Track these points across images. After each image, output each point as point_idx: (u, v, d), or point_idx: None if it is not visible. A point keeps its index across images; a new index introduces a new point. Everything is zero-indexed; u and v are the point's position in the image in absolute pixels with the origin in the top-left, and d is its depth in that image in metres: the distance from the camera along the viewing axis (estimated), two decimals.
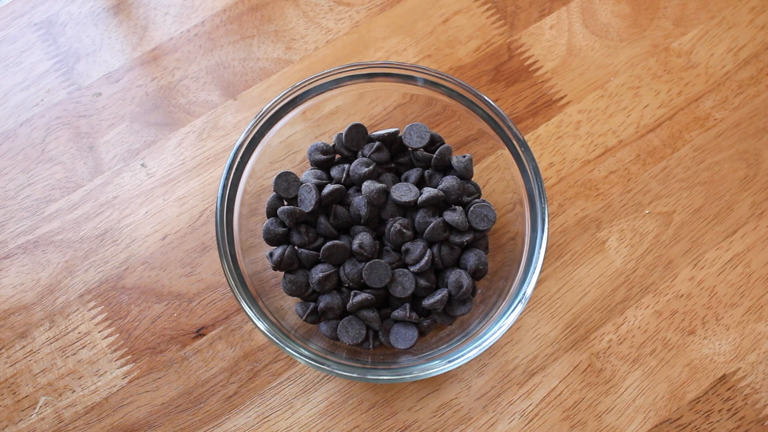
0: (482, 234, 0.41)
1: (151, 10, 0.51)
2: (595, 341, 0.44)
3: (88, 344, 0.44)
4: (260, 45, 0.50)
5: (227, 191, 0.39)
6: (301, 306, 0.41)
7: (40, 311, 0.44)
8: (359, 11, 0.51)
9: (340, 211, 0.40)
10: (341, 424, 0.42)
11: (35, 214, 0.46)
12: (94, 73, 0.50)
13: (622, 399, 0.42)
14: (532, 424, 0.42)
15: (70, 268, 0.45)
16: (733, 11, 0.51)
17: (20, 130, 0.48)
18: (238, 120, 0.48)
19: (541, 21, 0.51)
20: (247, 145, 0.40)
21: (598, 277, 0.45)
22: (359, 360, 0.39)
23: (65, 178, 0.47)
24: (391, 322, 0.40)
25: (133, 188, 0.47)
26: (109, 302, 0.44)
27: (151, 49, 0.50)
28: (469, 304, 0.40)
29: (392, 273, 0.39)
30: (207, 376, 0.43)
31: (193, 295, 0.44)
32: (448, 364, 0.37)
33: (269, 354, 0.43)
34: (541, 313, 0.44)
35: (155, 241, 0.46)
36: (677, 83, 0.49)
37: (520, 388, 0.43)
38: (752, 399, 0.42)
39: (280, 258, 0.39)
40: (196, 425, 0.42)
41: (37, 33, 0.51)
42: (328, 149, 0.43)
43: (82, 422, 0.42)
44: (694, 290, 0.45)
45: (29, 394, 0.43)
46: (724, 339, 0.44)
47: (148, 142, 0.48)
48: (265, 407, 0.42)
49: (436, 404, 0.42)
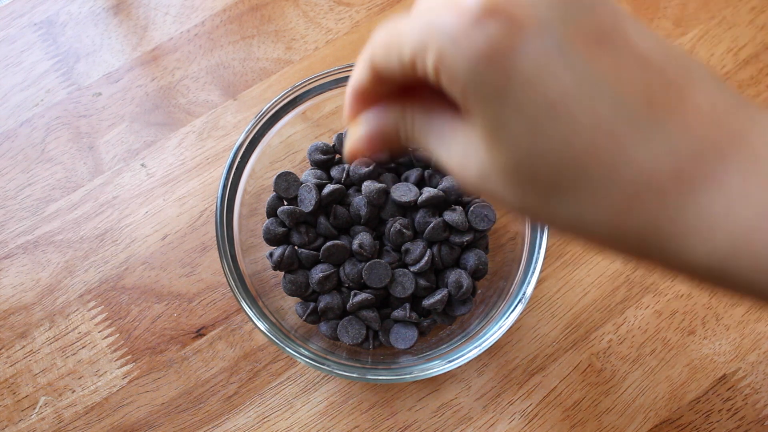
0: (482, 234, 0.41)
1: (151, 10, 0.51)
2: (595, 341, 0.44)
3: (88, 344, 0.44)
4: (260, 45, 0.50)
5: (227, 191, 0.39)
6: (301, 306, 0.41)
7: (40, 311, 0.44)
8: (359, 11, 0.51)
9: (340, 211, 0.40)
10: (341, 424, 0.42)
11: (35, 214, 0.46)
12: (94, 73, 0.50)
13: (622, 399, 0.42)
14: (532, 424, 0.42)
15: (70, 268, 0.45)
16: (733, 11, 0.51)
17: (20, 130, 0.48)
18: (238, 120, 0.48)
19: None
20: (247, 145, 0.40)
21: (598, 277, 0.45)
22: (359, 360, 0.39)
23: (65, 178, 0.47)
24: (391, 322, 0.40)
25: (133, 188, 0.47)
26: (109, 302, 0.44)
27: (151, 49, 0.50)
28: (469, 304, 0.40)
29: (392, 273, 0.39)
30: (207, 376, 0.43)
31: (193, 295, 0.44)
32: (448, 364, 0.37)
33: (269, 354, 0.43)
34: (541, 313, 0.44)
35: (155, 241, 0.46)
36: None
37: (520, 388, 0.43)
38: (752, 399, 0.42)
39: (280, 258, 0.39)
40: (196, 425, 0.42)
41: (37, 33, 0.51)
42: (328, 149, 0.43)
43: (82, 422, 0.42)
44: (694, 290, 0.45)
45: (29, 394, 0.43)
46: (724, 339, 0.44)
47: (148, 142, 0.48)
48: (265, 407, 0.42)
49: (436, 404, 0.42)
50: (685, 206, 0.17)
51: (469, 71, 0.17)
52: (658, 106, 0.17)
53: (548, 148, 0.17)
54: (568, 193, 0.17)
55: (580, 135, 0.17)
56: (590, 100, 0.16)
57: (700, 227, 0.17)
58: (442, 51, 0.17)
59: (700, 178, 0.16)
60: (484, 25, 0.16)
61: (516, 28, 0.16)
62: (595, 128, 0.16)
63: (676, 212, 0.17)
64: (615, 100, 0.16)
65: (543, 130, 0.17)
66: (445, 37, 0.17)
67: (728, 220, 0.16)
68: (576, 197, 0.17)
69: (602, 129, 0.16)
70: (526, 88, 0.16)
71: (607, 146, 0.17)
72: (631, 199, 0.17)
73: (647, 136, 0.16)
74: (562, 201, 0.18)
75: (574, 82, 0.16)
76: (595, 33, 0.17)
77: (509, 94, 0.17)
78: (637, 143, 0.16)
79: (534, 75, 0.16)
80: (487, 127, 0.18)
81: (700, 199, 0.16)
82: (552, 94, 0.16)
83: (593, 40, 0.17)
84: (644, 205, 0.17)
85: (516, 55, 0.16)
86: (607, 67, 0.16)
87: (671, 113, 0.17)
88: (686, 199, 0.17)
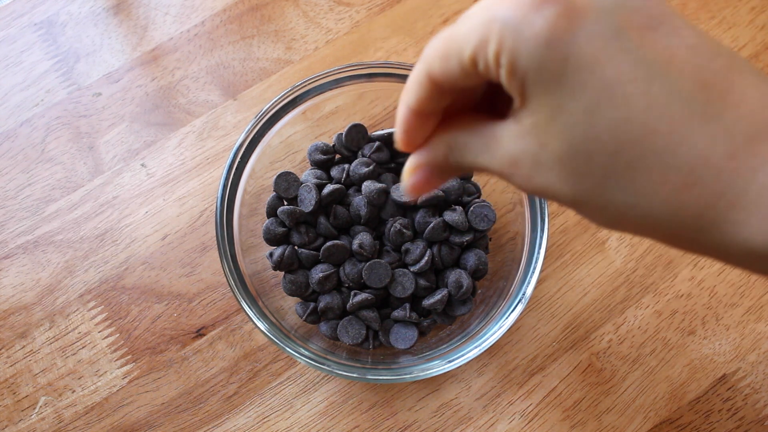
0: (482, 234, 0.41)
1: (151, 10, 0.51)
2: (595, 341, 0.44)
3: (88, 344, 0.44)
4: (260, 45, 0.50)
5: (227, 191, 0.39)
6: (301, 306, 0.41)
7: (40, 311, 0.44)
8: (359, 11, 0.51)
9: (340, 211, 0.40)
10: (341, 424, 0.42)
11: (35, 214, 0.46)
12: (94, 73, 0.50)
13: (622, 399, 0.42)
14: (532, 424, 0.42)
15: (70, 268, 0.45)
16: (733, 11, 0.51)
17: (20, 130, 0.48)
18: (238, 120, 0.48)
19: None
20: (247, 145, 0.40)
21: (598, 277, 0.45)
22: (359, 360, 0.39)
23: (65, 178, 0.47)
24: (391, 322, 0.40)
25: (133, 188, 0.47)
26: (109, 302, 0.44)
27: (151, 49, 0.50)
28: (469, 304, 0.40)
29: (392, 273, 0.39)
30: (207, 376, 0.43)
31: (193, 295, 0.44)
32: (448, 364, 0.37)
33: (269, 354, 0.43)
34: (541, 313, 0.44)
35: (155, 241, 0.46)
36: None
37: (520, 388, 0.43)
38: (752, 399, 0.42)
39: (280, 258, 0.39)
40: (196, 425, 0.42)
41: (37, 33, 0.51)
42: (328, 149, 0.43)
43: (82, 422, 0.42)
44: (694, 290, 0.45)
45: (29, 394, 0.43)
46: (724, 339, 0.44)
47: (148, 142, 0.48)
48: (265, 407, 0.42)
49: (436, 404, 0.42)
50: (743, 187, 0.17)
51: (529, 56, 0.17)
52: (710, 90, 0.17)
53: (605, 131, 0.17)
54: (625, 177, 0.18)
55: (636, 118, 0.17)
56: (646, 83, 0.17)
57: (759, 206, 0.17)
58: (503, 40, 0.18)
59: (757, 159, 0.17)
60: (543, 10, 0.17)
61: (574, 13, 0.17)
62: (651, 111, 0.17)
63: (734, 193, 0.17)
64: (669, 84, 0.17)
65: (600, 113, 0.17)
66: (505, 26, 0.17)
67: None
68: (632, 181, 0.18)
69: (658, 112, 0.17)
70: (584, 71, 0.17)
71: (663, 128, 0.17)
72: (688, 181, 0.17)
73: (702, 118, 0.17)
74: (618, 186, 0.18)
75: (629, 65, 0.17)
76: (648, 20, 0.17)
77: (568, 78, 0.17)
78: (693, 126, 0.17)
79: (591, 59, 0.17)
80: (544, 113, 0.18)
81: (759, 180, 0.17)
82: (608, 77, 0.17)
83: (646, 26, 0.17)
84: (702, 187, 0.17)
85: (574, 39, 0.17)
86: (660, 52, 0.17)
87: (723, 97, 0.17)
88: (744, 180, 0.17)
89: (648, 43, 0.17)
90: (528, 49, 0.17)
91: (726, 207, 0.17)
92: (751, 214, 0.17)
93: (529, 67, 0.18)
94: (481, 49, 0.18)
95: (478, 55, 0.19)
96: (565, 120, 0.18)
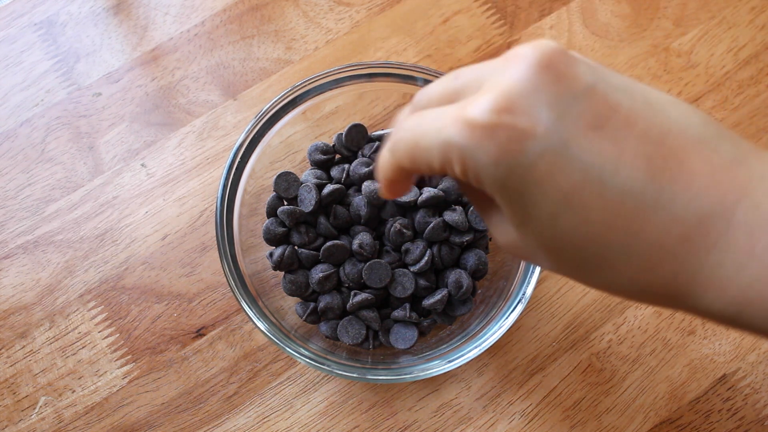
0: (482, 234, 0.41)
1: (151, 10, 0.51)
2: (595, 341, 0.44)
3: (88, 344, 0.44)
4: (260, 45, 0.50)
5: (227, 191, 0.39)
6: (301, 306, 0.41)
7: (40, 311, 0.44)
8: (359, 11, 0.51)
9: (340, 211, 0.40)
10: (341, 424, 0.42)
11: (35, 214, 0.46)
12: (94, 73, 0.50)
13: (622, 399, 0.42)
14: (532, 424, 0.42)
15: (70, 268, 0.45)
16: (733, 11, 0.51)
17: (20, 130, 0.48)
18: (238, 120, 0.48)
19: (541, 21, 0.51)
20: (247, 145, 0.40)
21: None
22: (359, 360, 0.39)
23: (65, 178, 0.47)
24: (391, 322, 0.40)
25: (133, 188, 0.47)
26: (109, 302, 0.44)
27: (151, 49, 0.50)
28: (469, 304, 0.40)
29: (392, 273, 0.39)
30: (207, 376, 0.43)
31: (193, 295, 0.44)
32: (448, 364, 0.37)
33: (269, 354, 0.43)
34: (541, 313, 0.44)
35: (155, 241, 0.46)
36: (677, 83, 0.49)
37: (520, 388, 0.43)
38: (752, 399, 0.42)
39: (280, 258, 0.39)
40: (196, 425, 0.42)
41: (37, 33, 0.51)
42: (328, 149, 0.43)
43: (82, 422, 0.42)
44: None
45: (29, 394, 0.43)
46: (724, 339, 0.44)
47: (148, 142, 0.48)
48: (265, 407, 0.42)
49: (436, 404, 0.42)
50: (698, 265, 0.18)
51: (489, 177, 0.19)
52: (660, 178, 0.18)
53: (568, 233, 0.19)
54: (593, 265, 0.20)
55: (594, 218, 0.19)
56: (599, 186, 0.18)
57: (714, 283, 0.18)
58: (464, 163, 0.19)
59: (708, 241, 0.18)
60: (494, 138, 0.18)
61: (522, 136, 0.18)
62: (606, 210, 0.19)
63: (690, 273, 0.19)
64: (621, 182, 0.18)
65: (562, 218, 0.19)
66: (463, 153, 0.19)
67: (739, 276, 0.18)
68: (601, 268, 0.20)
69: (613, 210, 0.18)
70: (541, 185, 0.19)
71: (620, 224, 0.19)
72: (647, 266, 0.19)
73: (654, 208, 0.18)
74: (591, 272, 0.20)
75: (580, 174, 0.18)
76: (594, 119, 0.18)
77: (528, 192, 0.19)
78: (647, 216, 0.18)
79: (546, 174, 0.18)
80: (517, 217, 0.20)
81: (711, 259, 0.18)
82: (564, 188, 0.18)
83: (593, 127, 0.18)
84: (662, 267, 0.19)
85: (527, 159, 0.18)
86: (609, 152, 0.18)
87: (673, 182, 0.18)
88: (698, 259, 0.18)
89: (595, 146, 0.18)
90: (488, 173, 0.19)
91: (685, 283, 0.19)
92: (707, 290, 0.19)
93: (493, 187, 0.19)
94: (448, 166, 0.20)
95: (447, 168, 0.20)
96: (534, 225, 0.20)
